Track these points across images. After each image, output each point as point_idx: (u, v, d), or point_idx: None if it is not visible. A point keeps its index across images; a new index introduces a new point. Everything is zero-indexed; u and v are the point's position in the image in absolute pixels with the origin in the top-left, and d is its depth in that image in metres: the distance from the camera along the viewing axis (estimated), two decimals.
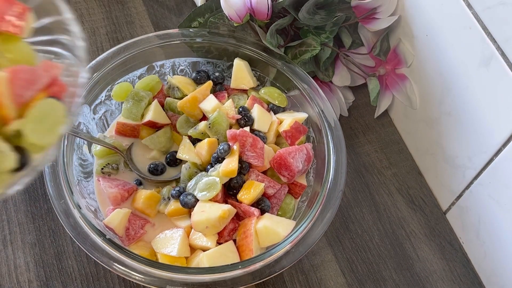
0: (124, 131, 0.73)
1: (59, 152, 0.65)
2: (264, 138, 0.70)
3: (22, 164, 0.37)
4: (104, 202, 0.67)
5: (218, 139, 0.68)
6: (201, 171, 0.68)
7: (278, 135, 0.72)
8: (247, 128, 0.68)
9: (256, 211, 0.64)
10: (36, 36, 0.44)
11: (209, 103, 0.71)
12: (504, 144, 0.65)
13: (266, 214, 0.65)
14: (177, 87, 0.74)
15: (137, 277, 0.59)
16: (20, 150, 0.38)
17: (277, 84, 0.75)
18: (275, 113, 0.74)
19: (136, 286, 0.69)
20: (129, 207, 0.67)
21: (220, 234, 0.64)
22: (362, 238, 0.76)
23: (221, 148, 0.65)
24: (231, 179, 0.66)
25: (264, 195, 0.67)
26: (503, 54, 0.61)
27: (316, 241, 0.63)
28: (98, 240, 0.60)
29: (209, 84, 0.73)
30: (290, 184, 0.70)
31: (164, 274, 0.59)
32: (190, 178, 0.67)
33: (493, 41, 0.62)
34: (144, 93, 0.72)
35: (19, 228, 0.72)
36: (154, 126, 0.73)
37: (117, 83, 0.73)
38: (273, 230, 0.63)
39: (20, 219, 0.72)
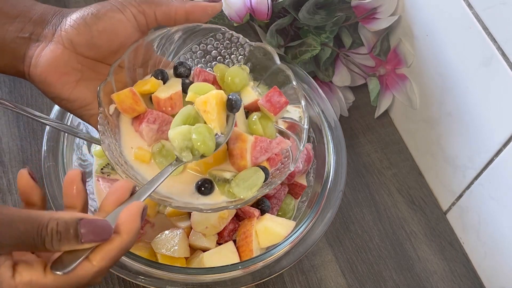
0: None
1: (59, 152, 0.65)
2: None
3: (265, 179, 0.56)
4: None
5: None
6: None
7: None
8: None
9: (256, 212, 0.64)
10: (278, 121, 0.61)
11: None
12: (505, 144, 0.65)
13: (266, 215, 0.65)
14: None
15: (136, 278, 0.59)
16: (266, 171, 0.56)
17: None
18: None
19: (135, 286, 0.69)
20: None
21: (220, 234, 0.64)
22: (362, 238, 0.76)
23: None
24: None
25: (264, 195, 0.67)
26: (503, 54, 0.61)
27: (316, 241, 0.62)
28: None
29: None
30: (290, 184, 0.70)
31: (164, 274, 0.59)
32: None
33: (494, 41, 0.62)
34: None
35: None
36: None
37: None
38: (273, 231, 0.62)
39: None
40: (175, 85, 0.58)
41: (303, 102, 0.58)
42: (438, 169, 0.78)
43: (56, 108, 0.68)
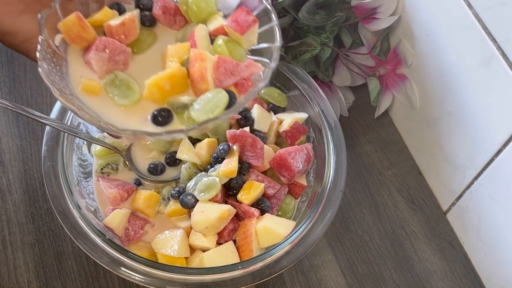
0: None
1: (59, 152, 0.65)
2: (264, 138, 0.69)
3: (230, 104, 0.49)
4: (103, 202, 0.67)
5: (218, 139, 0.68)
6: (201, 171, 0.68)
7: (278, 135, 0.72)
8: (247, 128, 0.68)
9: (256, 212, 0.64)
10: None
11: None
12: (505, 144, 0.65)
13: (266, 215, 0.65)
14: None
15: (137, 278, 0.59)
16: (231, 94, 0.49)
17: (277, 84, 0.75)
18: (275, 113, 0.74)
19: (136, 286, 0.69)
20: (129, 207, 0.67)
21: (220, 234, 0.64)
22: (362, 238, 0.76)
23: (221, 148, 0.65)
24: (231, 180, 0.65)
25: (264, 195, 0.67)
26: (503, 54, 0.61)
27: (316, 241, 0.62)
28: (98, 241, 0.60)
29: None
30: (290, 184, 0.70)
31: (163, 274, 0.59)
32: (190, 178, 0.67)
33: (494, 41, 0.62)
34: None
35: (18, 228, 0.71)
36: None
37: None
38: (273, 231, 0.62)
39: (19, 220, 0.72)
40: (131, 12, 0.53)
41: (274, 19, 0.52)
42: (438, 169, 0.78)
43: (56, 108, 0.68)
